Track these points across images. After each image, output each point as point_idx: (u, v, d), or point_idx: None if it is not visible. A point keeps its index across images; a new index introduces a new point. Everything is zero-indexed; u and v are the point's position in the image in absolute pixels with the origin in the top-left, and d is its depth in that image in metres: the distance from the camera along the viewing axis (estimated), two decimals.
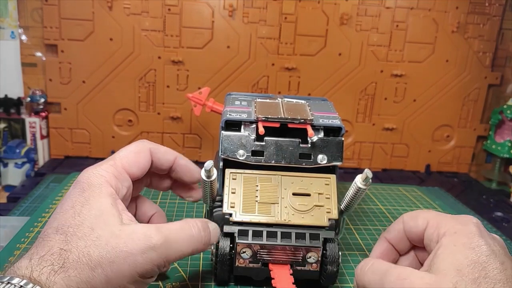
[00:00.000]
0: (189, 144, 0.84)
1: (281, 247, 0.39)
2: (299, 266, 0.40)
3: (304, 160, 0.42)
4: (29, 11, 0.76)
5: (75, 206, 0.32)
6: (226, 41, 0.78)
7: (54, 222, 0.32)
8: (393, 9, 0.80)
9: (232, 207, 0.40)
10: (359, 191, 0.39)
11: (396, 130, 0.86)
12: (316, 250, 0.39)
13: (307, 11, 0.78)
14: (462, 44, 0.83)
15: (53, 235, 0.31)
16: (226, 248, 0.39)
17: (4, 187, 0.76)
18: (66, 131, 0.81)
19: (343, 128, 0.43)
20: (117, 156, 0.37)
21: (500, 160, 0.87)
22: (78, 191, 0.34)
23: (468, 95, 0.86)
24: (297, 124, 0.42)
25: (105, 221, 0.32)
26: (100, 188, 0.34)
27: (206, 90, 0.69)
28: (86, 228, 0.31)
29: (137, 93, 0.80)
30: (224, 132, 0.42)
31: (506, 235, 0.62)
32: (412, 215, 0.37)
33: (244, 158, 0.42)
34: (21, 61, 0.78)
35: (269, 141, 0.42)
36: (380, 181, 0.81)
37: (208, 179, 0.39)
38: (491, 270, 0.29)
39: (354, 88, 0.83)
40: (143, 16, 0.76)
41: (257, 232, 0.40)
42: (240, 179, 0.42)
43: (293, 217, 0.40)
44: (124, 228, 0.32)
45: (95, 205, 0.33)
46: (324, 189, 0.42)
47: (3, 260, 0.42)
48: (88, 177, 0.34)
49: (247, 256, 0.39)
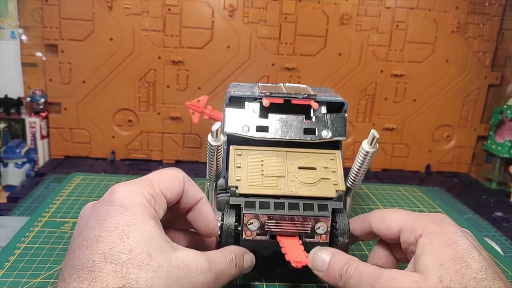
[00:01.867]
0: (189, 144, 0.84)
1: (289, 217, 0.38)
2: (308, 238, 0.38)
3: (309, 135, 0.42)
4: (29, 11, 0.76)
5: (120, 226, 0.29)
6: (226, 41, 0.78)
7: (97, 246, 0.28)
8: (393, 9, 0.80)
9: (238, 180, 0.39)
10: (367, 155, 0.38)
11: (396, 130, 0.86)
12: (325, 220, 0.38)
13: (307, 11, 0.78)
14: (462, 44, 0.83)
15: (102, 264, 0.27)
16: (231, 223, 0.38)
17: (4, 187, 0.76)
18: (66, 131, 0.81)
19: (345, 104, 0.43)
20: (152, 177, 0.34)
21: (500, 160, 0.87)
22: (120, 210, 0.30)
23: (468, 95, 0.86)
24: (301, 100, 0.42)
25: (159, 247, 0.29)
26: (143, 208, 0.31)
27: (204, 98, 0.69)
28: (142, 254, 0.28)
29: (137, 93, 0.80)
30: (228, 108, 0.42)
31: (506, 235, 0.62)
32: (381, 217, 0.37)
33: (249, 134, 0.41)
34: (21, 61, 0.78)
35: (273, 117, 0.42)
36: (380, 181, 0.81)
37: (215, 143, 0.37)
38: (471, 261, 0.30)
39: (354, 88, 0.83)
40: (143, 16, 0.76)
41: (264, 204, 0.38)
42: (245, 154, 0.41)
43: (300, 189, 0.39)
44: (179, 256, 0.30)
45: (143, 226, 0.29)
46: (330, 164, 0.41)
47: (3, 260, 0.42)
48: (127, 194, 0.31)
49: (255, 228, 0.38)
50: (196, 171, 0.80)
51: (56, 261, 0.43)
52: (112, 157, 0.83)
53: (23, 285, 0.39)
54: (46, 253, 0.44)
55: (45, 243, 0.46)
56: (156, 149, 0.83)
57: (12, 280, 0.39)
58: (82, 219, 0.31)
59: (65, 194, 0.59)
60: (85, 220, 0.31)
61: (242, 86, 0.49)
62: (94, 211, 0.31)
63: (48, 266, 0.42)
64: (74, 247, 0.29)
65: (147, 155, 0.84)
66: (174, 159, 0.84)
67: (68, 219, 0.52)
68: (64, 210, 0.55)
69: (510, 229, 0.65)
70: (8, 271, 0.41)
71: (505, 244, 0.59)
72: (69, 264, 0.28)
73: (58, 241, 0.47)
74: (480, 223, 0.66)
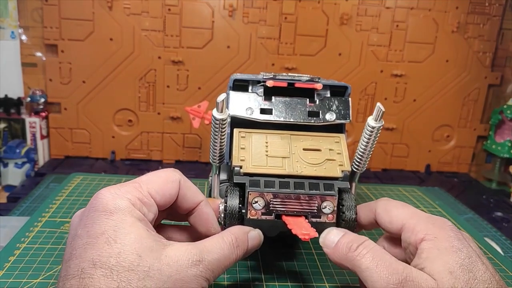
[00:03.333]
0: (189, 144, 0.84)
1: (295, 196, 0.37)
2: (314, 218, 0.38)
3: (313, 118, 0.42)
4: (29, 11, 0.76)
5: (107, 231, 0.28)
6: (226, 41, 0.78)
7: (85, 253, 0.28)
8: (393, 9, 0.80)
9: (242, 160, 0.39)
10: (373, 131, 0.38)
11: (396, 130, 0.86)
12: (332, 199, 0.37)
13: (307, 11, 0.78)
14: (462, 44, 0.83)
15: (92, 270, 0.27)
16: (235, 205, 0.37)
17: (4, 187, 0.76)
18: (66, 131, 0.81)
19: (349, 87, 0.43)
20: (142, 180, 0.34)
21: (500, 160, 0.87)
22: (104, 215, 0.29)
23: (468, 95, 0.86)
24: (304, 84, 0.42)
25: (148, 247, 0.29)
26: (129, 211, 0.30)
27: (205, 104, 0.69)
28: (131, 256, 0.28)
29: (137, 93, 0.80)
30: (232, 92, 0.42)
31: (506, 235, 0.62)
32: (386, 210, 0.37)
33: (253, 116, 0.41)
34: (21, 61, 0.79)
35: (277, 99, 0.42)
36: (380, 181, 0.81)
37: (220, 116, 0.36)
38: (476, 272, 0.30)
39: (354, 88, 0.83)
40: (143, 16, 0.76)
41: (269, 182, 0.38)
42: (249, 137, 0.41)
43: (306, 169, 0.39)
44: (169, 253, 0.30)
45: (130, 229, 0.29)
46: (335, 146, 0.41)
47: (3, 260, 0.42)
48: (111, 198, 0.30)
49: (260, 207, 0.37)
50: (196, 171, 0.80)
51: (56, 261, 0.43)
52: (112, 157, 0.83)
53: (23, 286, 0.39)
54: (46, 253, 0.44)
55: (45, 243, 0.46)
56: (156, 149, 0.83)
57: (12, 281, 0.39)
58: (72, 228, 0.32)
59: (65, 194, 0.59)
60: (75, 228, 0.31)
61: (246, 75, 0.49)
62: (82, 218, 0.31)
63: (48, 266, 0.42)
64: (66, 257, 0.29)
65: (147, 155, 0.84)
66: (174, 159, 0.84)
67: (68, 219, 0.52)
68: (64, 210, 0.54)
69: (510, 229, 0.65)
70: (8, 271, 0.41)
71: (505, 244, 0.59)
72: (63, 274, 0.28)
73: (58, 241, 0.47)
74: (480, 223, 0.66)
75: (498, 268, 0.48)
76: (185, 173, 0.84)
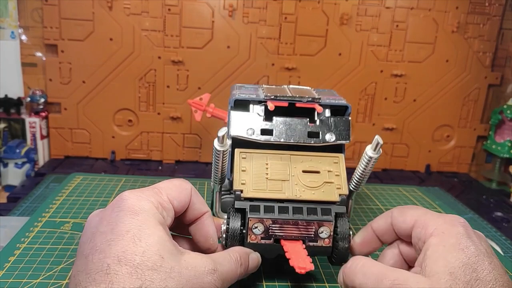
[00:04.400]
0: (189, 144, 0.84)
1: (293, 221, 0.39)
2: (311, 242, 0.39)
3: (313, 138, 0.43)
4: (29, 11, 0.76)
5: (132, 230, 0.29)
6: (226, 41, 0.78)
7: (109, 249, 0.28)
8: (393, 9, 0.80)
9: (243, 184, 0.40)
10: (370, 161, 0.39)
11: (396, 130, 0.86)
12: (328, 224, 0.39)
13: (307, 11, 0.78)
14: (462, 44, 0.83)
15: (117, 266, 0.27)
16: (237, 227, 0.39)
17: (4, 187, 0.76)
18: (66, 131, 0.81)
19: (349, 107, 0.43)
20: (160, 186, 0.35)
21: (500, 160, 0.87)
22: (130, 214, 0.30)
23: (468, 95, 0.86)
24: (305, 103, 0.42)
25: (170, 250, 0.30)
26: (153, 213, 0.31)
27: (207, 96, 0.69)
28: (155, 256, 0.29)
29: (137, 93, 0.80)
30: (233, 111, 0.43)
31: (506, 235, 0.62)
32: (401, 211, 0.37)
33: (254, 137, 0.42)
34: (21, 61, 0.79)
35: (278, 120, 0.43)
36: (380, 181, 0.81)
37: (221, 148, 0.38)
38: (481, 271, 0.30)
39: (354, 88, 0.83)
40: (143, 16, 0.76)
41: (269, 208, 0.39)
42: (250, 158, 0.42)
43: (304, 193, 0.40)
44: (187, 258, 0.31)
45: (154, 230, 0.30)
46: (333, 167, 0.42)
47: (3, 261, 0.42)
48: (136, 200, 0.32)
49: (259, 232, 0.39)
50: (196, 171, 0.80)
51: (56, 261, 0.43)
52: (112, 157, 0.83)
53: (23, 286, 0.39)
54: (46, 253, 0.44)
55: (45, 243, 0.46)
56: (156, 149, 0.83)
57: (12, 281, 0.39)
58: (91, 226, 0.32)
59: (65, 194, 0.59)
60: (95, 226, 0.31)
61: (247, 88, 0.49)
62: (103, 217, 0.31)
63: (48, 266, 0.42)
64: (86, 252, 0.30)
65: (147, 155, 0.84)
66: (174, 159, 0.84)
67: (68, 219, 0.52)
68: (64, 210, 0.54)
69: (510, 229, 0.65)
70: (8, 271, 0.41)
71: (505, 244, 0.59)
72: (82, 269, 0.29)
73: (58, 241, 0.47)
74: (480, 223, 0.66)
75: None
76: (185, 173, 0.84)
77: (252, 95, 0.43)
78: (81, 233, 0.32)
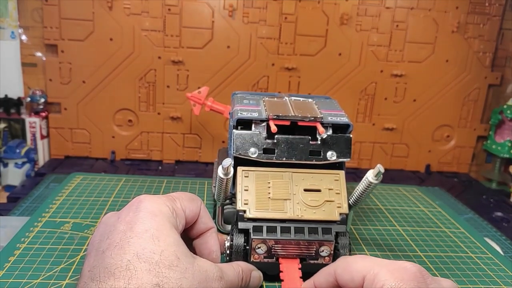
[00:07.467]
0: (189, 144, 0.84)
1: (295, 241, 0.40)
2: (312, 260, 0.41)
3: (314, 156, 0.44)
4: (29, 11, 0.76)
5: (150, 229, 0.31)
6: (226, 41, 0.78)
7: (128, 246, 0.29)
8: (393, 9, 0.80)
9: (245, 204, 0.41)
10: (370, 185, 0.41)
11: (396, 130, 0.86)
12: (329, 244, 0.40)
13: (307, 11, 0.78)
14: (462, 44, 0.83)
15: (136, 263, 0.28)
16: (241, 244, 0.40)
17: (4, 187, 0.76)
18: (66, 131, 0.81)
19: (351, 126, 0.45)
20: (174, 195, 0.37)
21: (500, 160, 0.87)
22: (149, 215, 0.32)
23: (468, 95, 0.86)
24: (308, 122, 0.43)
25: (184, 252, 0.31)
26: (169, 217, 0.33)
27: (205, 90, 0.69)
28: (172, 256, 0.30)
29: (137, 93, 0.80)
30: (236, 131, 0.43)
31: (506, 235, 0.62)
32: (346, 268, 0.34)
33: (256, 156, 0.43)
34: (21, 61, 0.79)
35: (280, 138, 0.43)
36: (380, 181, 0.81)
37: (225, 176, 0.39)
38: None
39: (354, 88, 0.83)
40: (143, 16, 0.76)
41: (271, 228, 0.40)
42: (252, 176, 0.43)
43: (305, 213, 0.41)
44: (199, 262, 0.32)
45: (170, 232, 0.32)
46: (334, 185, 0.43)
47: (3, 261, 0.42)
48: (155, 203, 0.33)
49: (262, 252, 0.40)
50: (196, 171, 0.80)
51: (56, 261, 0.43)
52: (112, 157, 0.83)
53: (23, 286, 0.39)
54: (46, 253, 0.44)
55: (45, 243, 0.46)
56: (156, 149, 0.83)
57: (12, 281, 0.39)
58: (107, 225, 0.33)
59: (65, 194, 0.59)
60: (112, 224, 0.32)
61: (247, 98, 0.49)
62: (121, 217, 0.33)
63: (48, 266, 0.42)
64: (103, 248, 0.30)
65: (147, 155, 0.84)
66: (174, 159, 0.84)
67: (68, 219, 0.52)
68: (64, 210, 0.54)
69: (510, 229, 0.65)
70: (8, 271, 0.41)
71: (505, 244, 0.59)
72: (98, 264, 0.29)
73: (58, 241, 0.47)
74: (480, 223, 0.66)
75: (498, 268, 0.48)
76: (185, 173, 0.84)
77: (254, 113, 0.44)
78: (80, 234, 0.33)
